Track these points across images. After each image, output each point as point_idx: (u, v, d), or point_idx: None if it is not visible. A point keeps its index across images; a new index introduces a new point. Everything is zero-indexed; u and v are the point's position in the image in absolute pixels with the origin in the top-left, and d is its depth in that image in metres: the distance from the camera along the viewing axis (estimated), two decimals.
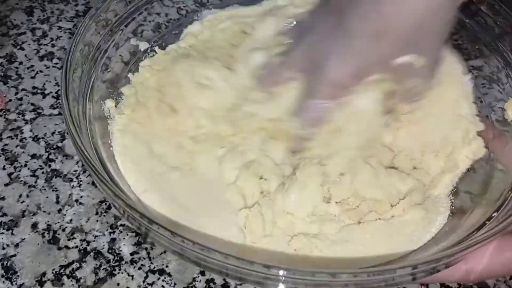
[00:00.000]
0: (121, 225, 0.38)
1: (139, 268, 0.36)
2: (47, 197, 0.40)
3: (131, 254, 0.37)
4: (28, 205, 0.39)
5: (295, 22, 0.40)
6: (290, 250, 0.33)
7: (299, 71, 0.36)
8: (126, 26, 0.42)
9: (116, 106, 0.39)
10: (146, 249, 0.37)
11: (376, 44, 0.32)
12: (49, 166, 0.42)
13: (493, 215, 0.32)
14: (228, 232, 0.33)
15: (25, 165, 0.41)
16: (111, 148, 0.37)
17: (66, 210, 0.39)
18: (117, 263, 0.36)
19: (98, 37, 0.38)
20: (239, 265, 0.25)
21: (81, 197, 0.40)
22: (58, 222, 0.38)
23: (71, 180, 0.41)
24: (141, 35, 0.43)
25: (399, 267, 0.26)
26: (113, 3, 0.40)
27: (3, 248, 0.37)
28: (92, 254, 0.37)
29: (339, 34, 0.33)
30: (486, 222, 0.31)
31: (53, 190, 0.40)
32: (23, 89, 0.47)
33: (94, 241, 0.37)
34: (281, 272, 0.25)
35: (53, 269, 0.36)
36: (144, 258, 0.37)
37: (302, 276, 0.25)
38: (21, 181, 0.40)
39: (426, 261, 0.26)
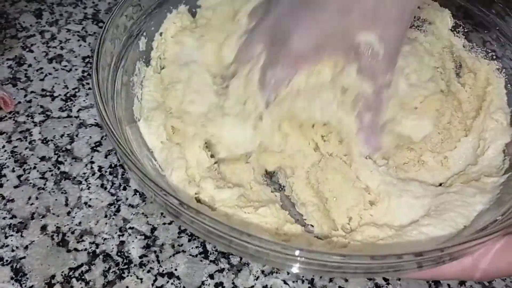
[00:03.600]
0: (130, 228, 0.38)
1: (148, 271, 0.36)
2: (56, 199, 0.40)
3: (140, 257, 0.37)
4: (37, 208, 0.39)
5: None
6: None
7: (266, 44, 0.37)
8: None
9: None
10: (155, 252, 0.37)
11: (341, 16, 0.34)
12: (58, 168, 0.42)
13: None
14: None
15: (34, 168, 0.42)
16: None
17: (75, 213, 0.39)
18: (126, 266, 0.36)
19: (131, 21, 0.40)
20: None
21: (90, 199, 0.40)
22: (67, 225, 0.38)
23: (80, 182, 0.41)
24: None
25: (402, 254, 0.26)
26: None
27: (13, 250, 0.37)
28: (101, 256, 0.37)
29: (305, 5, 0.34)
30: (498, 218, 0.31)
31: (62, 193, 0.40)
32: (32, 92, 0.47)
33: (103, 243, 0.38)
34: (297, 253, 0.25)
35: (62, 272, 0.36)
36: (153, 261, 0.37)
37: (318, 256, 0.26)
38: (30, 183, 0.41)
39: (430, 249, 0.26)
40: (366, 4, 0.33)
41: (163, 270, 0.36)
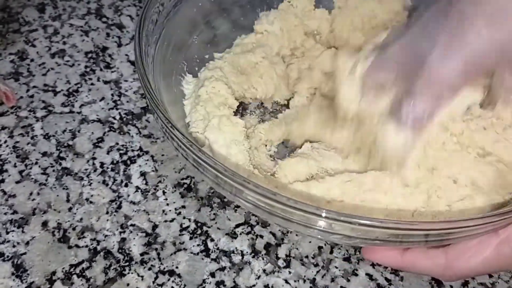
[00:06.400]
0: (131, 225, 0.38)
1: (149, 269, 0.36)
2: (57, 195, 0.40)
3: (141, 254, 0.37)
4: (38, 203, 0.39)
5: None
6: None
7: (397, 70, 0.31)
8: None
9: None
10: (156, 249, 0.37)
11: (491, 29, 0.27)
12: (60, 164, 0.41)
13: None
14: None
15: (36, 163, 0.41)
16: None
17: (77, 209, 0.39)
18: (127, 263, 0.36)
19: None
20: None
21: (92, 195, 0.40)
22: (69, 221, 0.38)
23: (82, 178, 0.41)
24: None
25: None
26: None
27: (14, 246, 0.37)
28: (102, 253, 0.37)
29: (445, 21, 0.29)
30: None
31: (63, 189, 0.40)
32: (34, 86, 0.47)
33: (104, 240, 0.37)
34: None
35: (63, 268, 0.36)
36: (154, 259, 0.37)
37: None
38: (32, 178, 0.40)
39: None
40: None
41: (164, 268, 0.36)
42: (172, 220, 0.39)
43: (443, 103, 0.31)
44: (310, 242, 0.38)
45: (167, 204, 0.40)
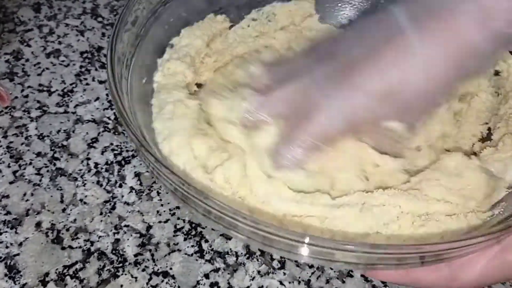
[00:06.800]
0: (126, 225, 0.38)
1: (143, 270, 0.36)
2: (51, 196, 0.39)
3: (135, 255, 0.37)
4: (32, 204, 0.39)
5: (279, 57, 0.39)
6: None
7: (280, 113, 0.34)
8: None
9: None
10: (150, 250, 0.37)
11: (379, 104, 0.31)
12: (54, 164, 0.41)
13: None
14: None
15: (30, 163, 0.41)
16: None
17: (71, 210, 0.39)
18: (120, 264, 0.36)
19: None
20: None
21: (86, 196, 0.40)
22: (62, 222, 0.38)
23: (76, 179, 0.40)
24: None
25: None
26: None
27: (7, 247, 0.36)
28: (95, 254, 0.36)
29: (341, 85, 0.32)
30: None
31: (57, 189, 0.40)
32: (29, 87, 0.47)
33: (98, 241, 0.37)
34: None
35: (56, 269, 0.36)
36: (148, 260, 0.36)
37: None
38: (26, 179, 0.40)
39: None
40: (404, 98, 0.31)
41: (158, 269, 0.36)
42: (166, 221, 0.39)
43: (316, 153, 0.33)
44: None
45: (162, 205, 0.39)
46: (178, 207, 0.39)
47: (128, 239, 0.37)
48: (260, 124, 0.34)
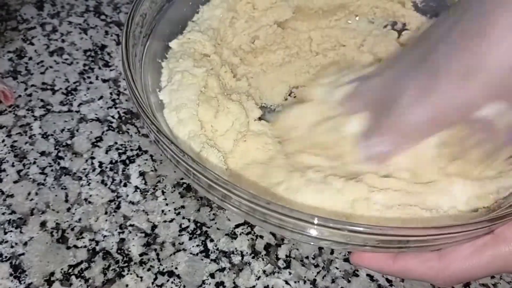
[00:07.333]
0: (130, 225, 0.38)
1: (148, 270, 0.36)
2: (56, 195, 0.39)
3: (140, 255, 0.37)
4: (37, 203, 0.39)
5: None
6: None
7: (366, 106, 0.33)
8: None
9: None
10: (155, 250, 0.37)
11: (463, 84, 0.28)
12: (58, 164, 0.41)
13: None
14: None
15: (34, 163, 0.41)
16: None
17: (75, 209, 0.39)
18: (126, 264, 0.36)
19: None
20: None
21: (90, 196, 0.39)
22: (67, 221, 0.38)
23: (80, 178, 0.40)
24: None
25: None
26: None
27: (12, 247, 0.36)
28: (101, 254, 0.36)
29: (420, 70, 0.29)
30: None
31: (62, 188, 0.40)
32: (32, 85, 0.46)
33: (103, 241, 0.37)
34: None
35: (61, 269, 0.35)
36: (153, 259, 0.36)
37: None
38: (30, 178, 0.40)
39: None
40: (494, 69, 0.27)
41: (163, 269, 0.36)
42: (171, 220, 0.39)
43: (405, 147, 0.31)
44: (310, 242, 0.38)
45: (167, 204, 0.39)
46: (183, 207, 0.39)
47: (133, 239, 0.37)
48: (351, 113, 0.33)
